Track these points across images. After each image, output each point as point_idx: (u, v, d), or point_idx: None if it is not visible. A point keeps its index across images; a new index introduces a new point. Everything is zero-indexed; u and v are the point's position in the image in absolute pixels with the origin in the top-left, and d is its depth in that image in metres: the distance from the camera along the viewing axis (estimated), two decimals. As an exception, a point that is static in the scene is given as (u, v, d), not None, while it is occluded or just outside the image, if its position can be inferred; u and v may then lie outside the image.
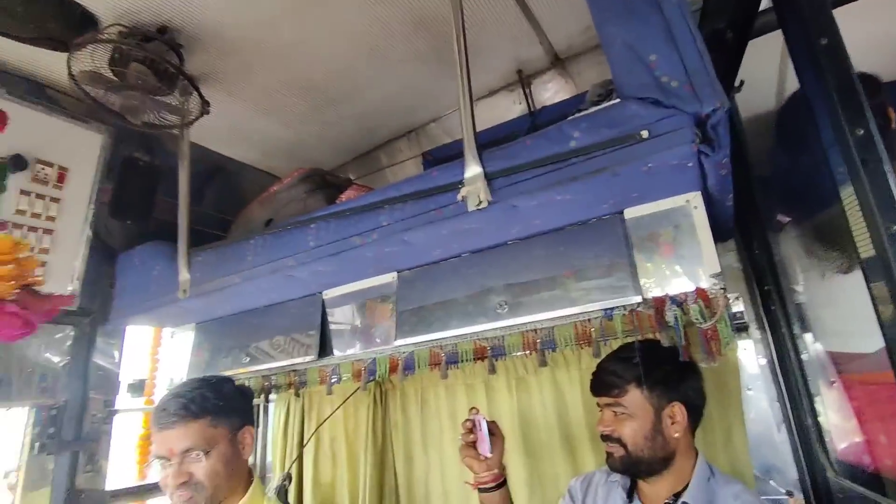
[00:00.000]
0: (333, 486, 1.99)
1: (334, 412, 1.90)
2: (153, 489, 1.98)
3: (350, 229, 1.25)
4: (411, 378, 1.91)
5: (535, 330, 1.21)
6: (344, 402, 1.89)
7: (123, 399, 1.86)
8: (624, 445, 1.14)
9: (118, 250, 1.77)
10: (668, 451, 1.13)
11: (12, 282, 1.39)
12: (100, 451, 1.75)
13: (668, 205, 1.07)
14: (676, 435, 1.13)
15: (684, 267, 1.04)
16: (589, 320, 1.15)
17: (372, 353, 1.44)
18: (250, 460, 1.30)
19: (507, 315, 1.20)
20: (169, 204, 1.66)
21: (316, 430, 1.95)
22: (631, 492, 1.21)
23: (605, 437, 1.17)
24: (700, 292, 1.01)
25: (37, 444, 1.61)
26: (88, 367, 1.73)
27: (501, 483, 1.31)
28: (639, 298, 1.06)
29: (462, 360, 1.33)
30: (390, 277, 1.44)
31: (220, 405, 1.20)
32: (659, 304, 1.05)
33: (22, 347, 1.60)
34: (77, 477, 1.67)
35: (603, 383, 1.20)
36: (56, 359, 1.68)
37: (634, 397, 1.14)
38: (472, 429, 1.29)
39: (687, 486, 1.11)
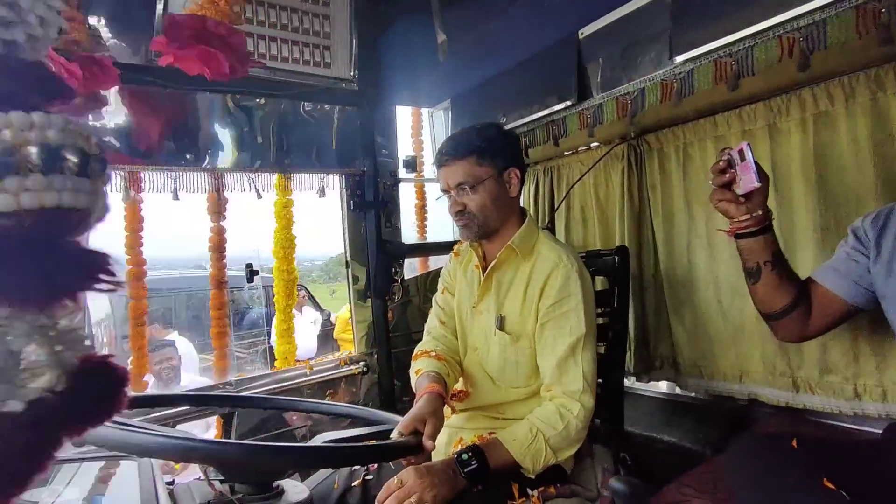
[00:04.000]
0: (585, 247, 2.09)
1: (586, 173, 1.91)
2: (434, 248, 2.39)
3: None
4: (671, 135, 1.76)
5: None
6: (596, 162, 1.87)
7: (402, 172, 2.19)
8: None
9: (380, 35, 1.91)
10: None
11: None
12: (394, 213, 2.14)
13: None
14: None
15: None
16: None
17: (640, 84, 1.34)
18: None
19: (834, -13, 0.95)
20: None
21: (567, 192, 2.01)
22: None
23: None
24: None
25: (351, 203, 2.03)
26: (374, 143, 2.04)
27: (766, 227, 1.13)
28: None
29: (759, 68, 1.12)
30: (661, -9, 1.26)
31: (484, 147, 1.29)
32: None
33: (321, 122, 1.95)
34: (381, 231, 2.08)
35: None
36: (349, 135, 2.01)
37: None
38: (724, 169, 1.10)
39: None
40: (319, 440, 1.12)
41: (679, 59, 1.20)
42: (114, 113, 1.57)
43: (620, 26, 1.38)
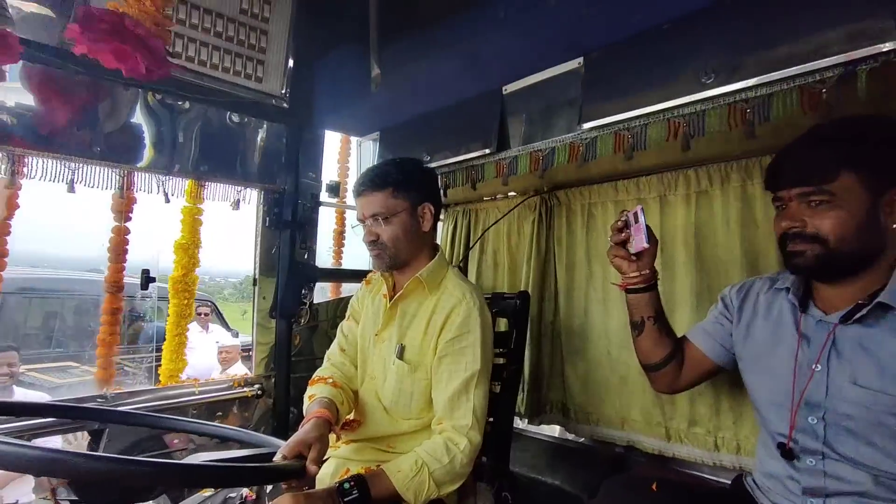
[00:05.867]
0: (494, 289, 2.17)
1: (501, 219, 2.02)
2: (348, 275, 2.37)
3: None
4: (578, 194, 1.92)
5: (746, 100, 1.10)
6: (511, 210, 1.99)
7: (324, 196, 2.18)
8: (823, 241, 0.97)
9: (317, 58, 1.94)
10: (878, 245, 0.96)
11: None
12: (310, 235, 2.11)
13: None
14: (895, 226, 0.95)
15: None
16: (822, 80, 1.01)
17: (552, 143, 1.46)
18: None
19: (713, 84, 1.11)
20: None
21: (482, 234, 2.10)
22: (804, 300, 1.08)
23: (794, 236, 1.01)
24: None
25: (267, 219, 1.99)
26: (298, 163, 2.03)
27: (652, 285, 1.26)
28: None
29: (650, 144, 1.27)
30: (576, 63, 1.40)
31: (401, 180, 1.34)
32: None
33: (245, 135, 1.92)
34: (295, 252, 2.05)
35: (799, 170, 0.99)
36: (274, 152, 1.99)
37: (847, 183, 0.95)
38: (622, 228, 1.23)
39: (885, 285, 0.95)
40: (196, 459, 1.06)
41: (586, 126, 1.33)
42: (15, 90, 1.46)
43: (540, 88, 1.51)
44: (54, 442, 1.65)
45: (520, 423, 2.05)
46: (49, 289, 5.49)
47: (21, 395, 2.56)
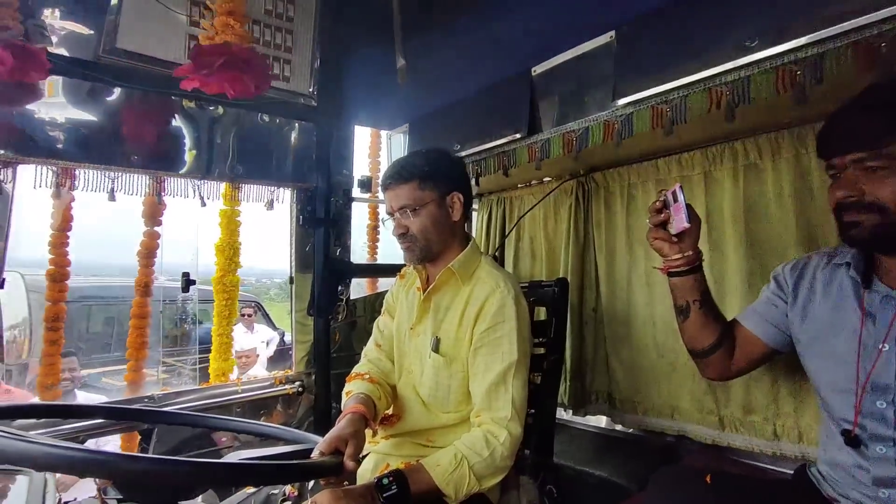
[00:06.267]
0: (531, 277, 2.12)
1: (536, 205, 1.97)
2: (383, 269, 2.37)
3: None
4: (616, 175, 1.84)
5: (795, 62, 1.01)
6: (546, 196, 1.93)
7: (356, 191, 2.18)
8: (882, 210, 0.90)
9: (342, 55, 1.93)
10: None
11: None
12: (344, 231, 2.12)
13: None
14: None
15: None
16: (880, 34, 0.91)
17: (585, 123, 1.40)
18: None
19: (757, 48, 1.03)
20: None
21: (517, 221, 2.05)
22: (867, 274, 0.99)
23: (850, 206, 0.94)
24: None
25: (301, 218, 2.01)
26: (329, 160, 2.03)
27: (696, 267, 1.18)
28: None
29: (691, 117, 1.19)
30: (607, 38, 1.33)
31: (427, 171, 1.32)
32: None
33: (276, 135, 1.94)
34: (329, 249, 2.06)
35: (854, 134, 0.93)
36: (305, 150, 2.00)
37: None
38: (661, 209, 1.16)
39: None
40: (236, 457, 1.08)
41: (620, 102, 1.27)
42: (59, 106, 1.52)
43: (571, 66, 1.45)
44: (114, 442, 1.72)
45: (564, 415, 2.00)
46: (107, 296, 5.79)
47: (83, 399, 2.70)
